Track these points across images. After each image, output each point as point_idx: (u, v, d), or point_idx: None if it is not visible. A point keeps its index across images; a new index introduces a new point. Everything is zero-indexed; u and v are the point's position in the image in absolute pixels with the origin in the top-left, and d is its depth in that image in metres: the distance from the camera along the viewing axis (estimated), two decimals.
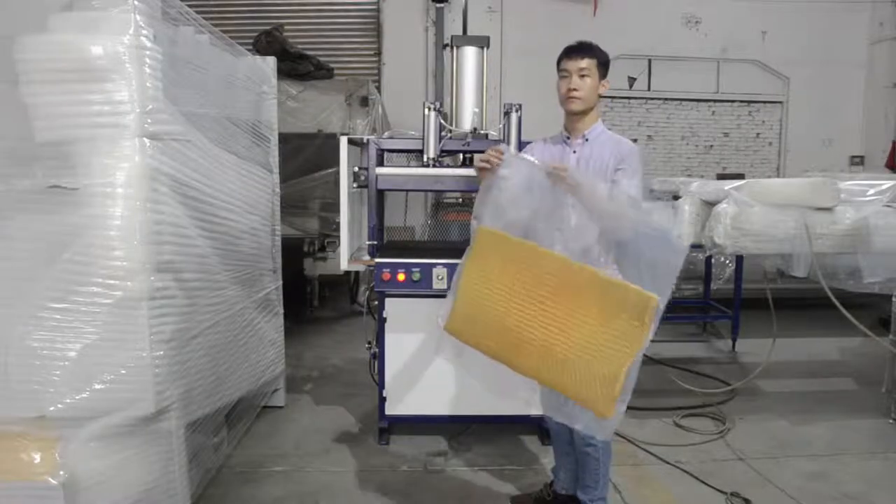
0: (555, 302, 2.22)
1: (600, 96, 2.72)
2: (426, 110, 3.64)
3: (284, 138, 4.53)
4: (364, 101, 6.69)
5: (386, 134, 4.80)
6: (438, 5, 8.10)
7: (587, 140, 2.68)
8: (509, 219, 2.42)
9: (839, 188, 4.03)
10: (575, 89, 2.62)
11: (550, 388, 2.36)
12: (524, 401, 2.97)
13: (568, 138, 2.73)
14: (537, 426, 3.76)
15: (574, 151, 2.69)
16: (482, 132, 3.75)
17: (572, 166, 2.57)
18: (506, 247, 2.36)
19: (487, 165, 2.47)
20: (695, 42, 8.62)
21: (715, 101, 8.87)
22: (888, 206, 4.05)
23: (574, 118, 2.69)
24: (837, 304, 3.96)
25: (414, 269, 3.48)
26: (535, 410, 3.29)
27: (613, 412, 2.13)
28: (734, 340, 5.78)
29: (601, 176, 2.61)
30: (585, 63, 2.61)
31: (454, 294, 2.47)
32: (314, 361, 5.33)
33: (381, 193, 3.80)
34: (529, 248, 2.33)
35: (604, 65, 2.67)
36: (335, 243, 6.20)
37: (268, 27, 7.12)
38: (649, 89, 8.69)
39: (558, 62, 2.68)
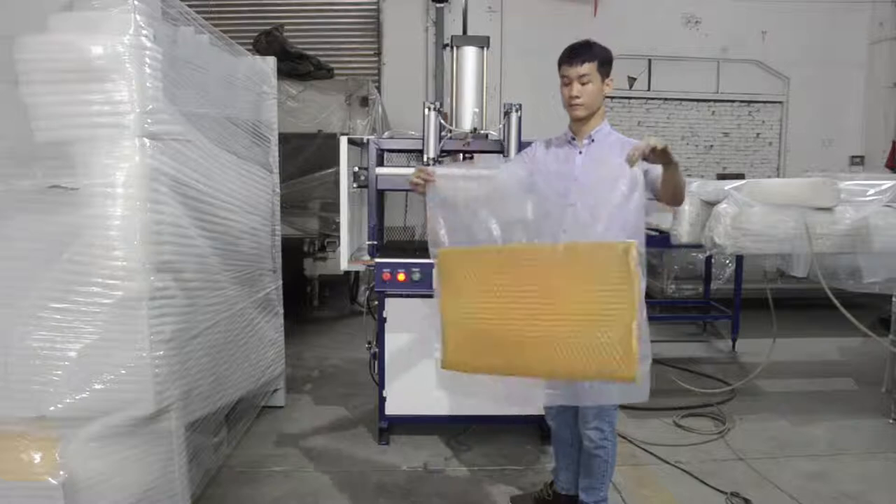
0: (541, 289, 2.17)
1: (606, 96, 2.68)
2: (426, 110, 3.64)
3: (284, 138, 4.54)
4: (364, 101, 6.69)
5: (386, 134, 4.81)
6: (438, 5, 8.11)
7: (593, 140, 2.66)
8: (504, 221, 2.44)
9: (839, 188, 4.02)
10: (577, 97, 2.57)
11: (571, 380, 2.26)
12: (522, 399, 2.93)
13: (573, 139, 2.70)
14: (537, 426, 3.76)
15: (580, 152, 2.66)
16: (482, 132, 3.75)
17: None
18: (469, 259, 2.35)
19: (420, 182, 2.58)
20: (695, 42, 8.62)
21: (715, 101, 8.87)
22: (888, 206, 4.04)
23: (579, 122, 2.66)
24: (837, 304, 3.95)
25: (414, 269, 3.48)
26: (535, 410, 3.30)
27: (638, 371, 2.03)
28: (734, 340, 5.78)
29: (609, 177, 2.58)
30: (585, 69, 2.54)
31: (440, 328, 2.42)
32: (314, 361, 5.33)
33: (381, 193, 3.80)
34: (494, 251, 2.32)
35: (606, 64, 2.60)
36: (335, 243, 6.21)
37: (268, 27, 7.12)
38: (649, 89, 8.70)
39: (559, 65, 2.62)
